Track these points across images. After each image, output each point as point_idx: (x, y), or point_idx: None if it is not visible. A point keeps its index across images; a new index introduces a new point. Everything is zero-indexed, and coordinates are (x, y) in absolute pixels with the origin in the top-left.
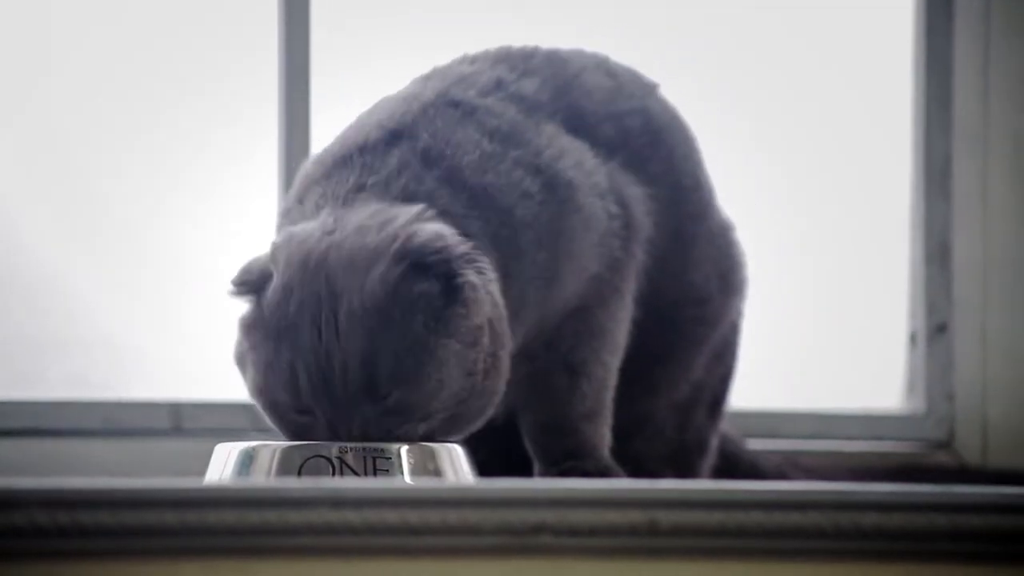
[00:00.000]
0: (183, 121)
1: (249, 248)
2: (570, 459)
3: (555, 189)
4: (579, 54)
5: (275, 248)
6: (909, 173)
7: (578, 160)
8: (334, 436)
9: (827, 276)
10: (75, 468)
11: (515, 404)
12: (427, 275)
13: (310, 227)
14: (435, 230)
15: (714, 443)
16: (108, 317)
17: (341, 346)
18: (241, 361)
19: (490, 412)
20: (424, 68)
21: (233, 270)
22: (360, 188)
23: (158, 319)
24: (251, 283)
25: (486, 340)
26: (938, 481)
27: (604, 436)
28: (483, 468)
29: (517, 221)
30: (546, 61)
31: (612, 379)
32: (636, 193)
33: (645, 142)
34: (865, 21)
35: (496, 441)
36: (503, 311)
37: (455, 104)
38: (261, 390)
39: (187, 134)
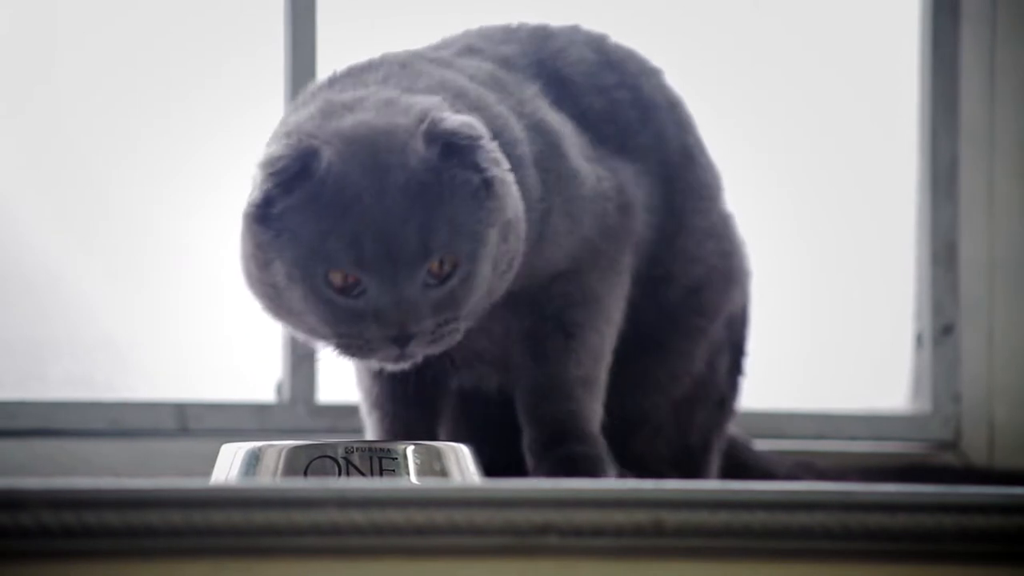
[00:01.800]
0: (187, 120)
1: None
2: (561, 431)
3: (542, 133)
4: (571, 29)
5: (309, 119)
6: (915, 174)
7: (561, 120)
8: (380, 318)
9: (833, 277)
10: (81, 468)
11: (511, 369)
12: (460, 161)
13: (334, 99)
14: (464, 119)
15: (720, 444)
16: (113, 317)
17: (398, 217)
18: (262, 246)
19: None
20: None
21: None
22: (361, 86)
23: (163, 319)
24: (288, 159)
25: (512, 239)
26: (944, 482)
27: (596, 412)
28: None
29: (524, 154)
30: (529, 34)
31: (607, 351)
32: (623, 165)
33: (635, 116)
34: (872, 23)
35: (489, 439)
36: (521, 214)
37: (430, 60)
38: (304, 266)
39: (191, 132)
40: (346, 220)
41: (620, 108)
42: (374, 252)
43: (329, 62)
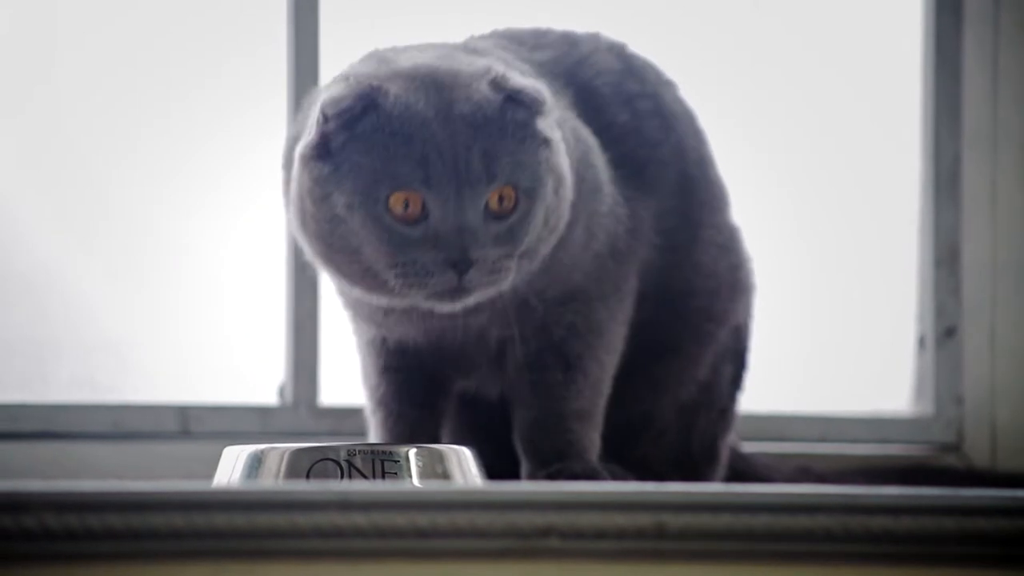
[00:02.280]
0: (187, 119)
1: (256, 250)
2: (559, 460)
3: (578, 140)
4: (593, 37)
5: (366, 64)
6: (918, 177)
7: (589, 137)
8: (441, 245)
9: (835, 279)
10: (84, 471)
11: (510, 399)
12: (524, 113)
13: (375, 59)
14: (531, 81)
15: (724, 452)
16: (115, 319)
17: (465, 143)
18: (320, 180)
19: (543, 256)
20: None
21: (243, 262)
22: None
23: (165, 321)
24: (352, 98)
25: (562, 194)
26: (947, 484)
27: (594, 441)
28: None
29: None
30: (559, 40)
31: (606, 382)
32: (638, 196)
33: (657, 124)
34: (874, 25)
35: (490, 441)
36: (570, 183)
37: (469, 50)
38: (366, 194)
39: (191, 132)
40: (414, 144)
41: (643, 118)
42: (440, 172)
43: (332, 61)
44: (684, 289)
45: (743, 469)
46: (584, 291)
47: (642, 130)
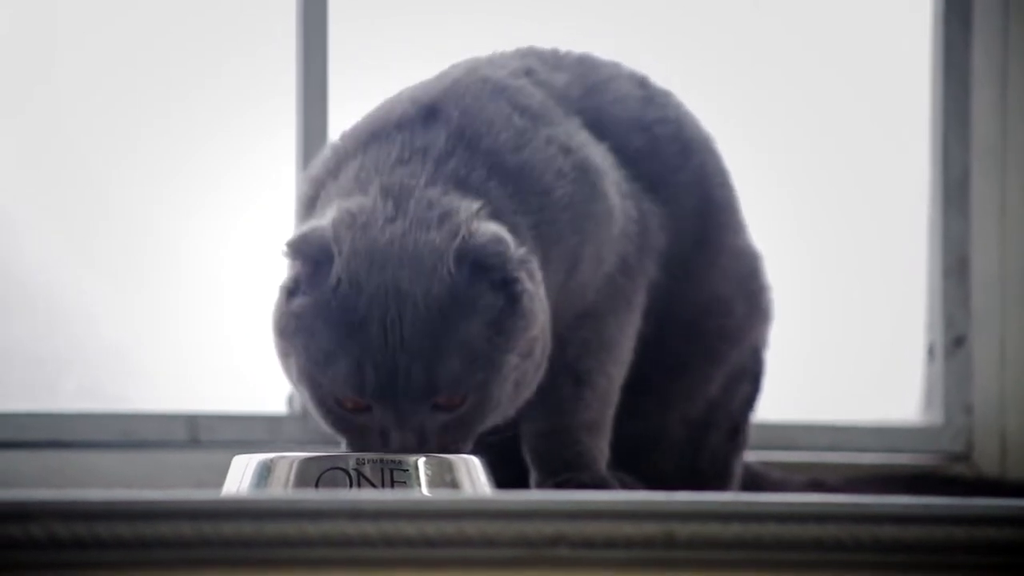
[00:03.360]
0: (189, 120)
1: (263, 256)
2: (567, 471)
3: (586, 171)
4: (614, 64)
5: (336, 226)
6: (927, 186)
7: (602, 154)
8: (386, 438)
9: (844, 288)
10: (92, 480)
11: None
12: (486, 279)
13: (366, 206)
14: (494, 232)
15: (738, 470)
16: (121, 327)
17: (406, 351)
18: (285, 333)
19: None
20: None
21: (257, 270)
22: (403, 163)
23: (174, 330)
24: (307, 253)
25: (538, 351)
26: (956, 493)
27: (603, 451)
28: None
29: (556, 203)
30: (577, 61)
31: (615, 393)
32: (651, 208)
33: (676, 150)
34: (882, 34)
35: (497, 451)
36: (548, 313)
37: (485, 80)
38: (312, 377)
39: (193, 133)
40: (351, 346)
41: (662, 143)
42: (377, 386)
43: (342, 60)
44: (698, 310)
45: (755, 483)
46: (595, 307)
47: (660, 155)
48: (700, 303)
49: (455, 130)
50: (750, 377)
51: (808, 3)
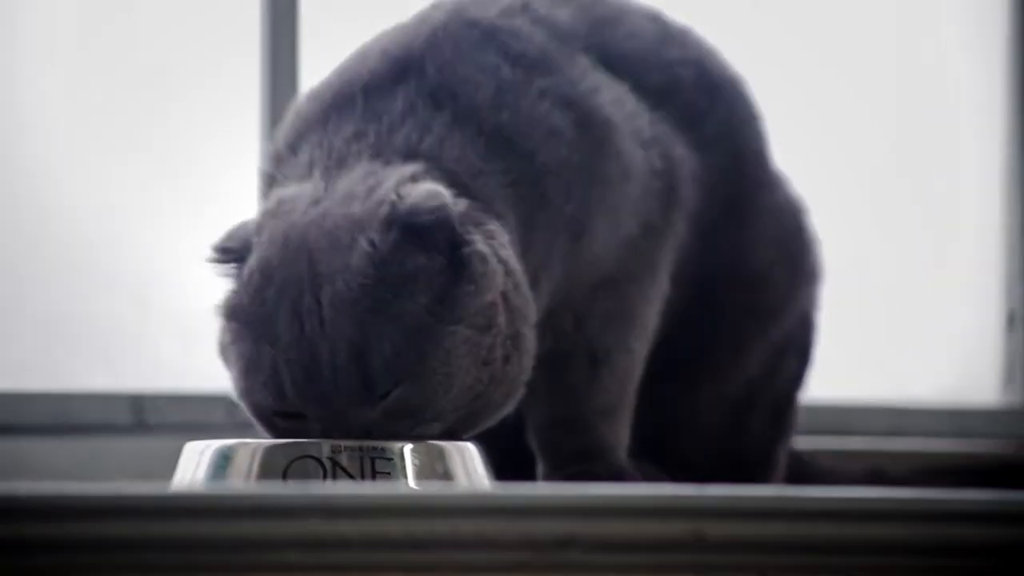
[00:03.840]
0: (154, 85)
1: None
2: (580, 461)
3: (589, 127)
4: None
5: (262, 215)
6: (1001, 144)
7: (618, 98)
8: (328, 436)
9: (908, 251)
10: (19, 470)
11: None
12: (425, 246)
13: (301, 192)
14: (427, 189)
15: (782, 458)
16: (60, 295)
17: (327, 338)
18: (224, 354)
19: (515, 400)
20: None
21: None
22: (359, 137)
23: (118, 297)
24: (234, 252)
25: (502, 320)
26: None
27: (622, 436)
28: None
29: (541, 166)
30: None
31: (637, 369)
32: (683, 155)
33: (700, 98)
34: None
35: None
36: (521, 279)
37: (472, 24)
38: (243, 391)
39: (158, 100)
40: (262, 352)
41: (683, 88)
42: (297, 389)
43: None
44: (730, 284)
45: (801, 473)
46: (614, 275)
47: (682, 102)
48: (732, 277)
49: (426, 90)
50: (797, 349)
51: None
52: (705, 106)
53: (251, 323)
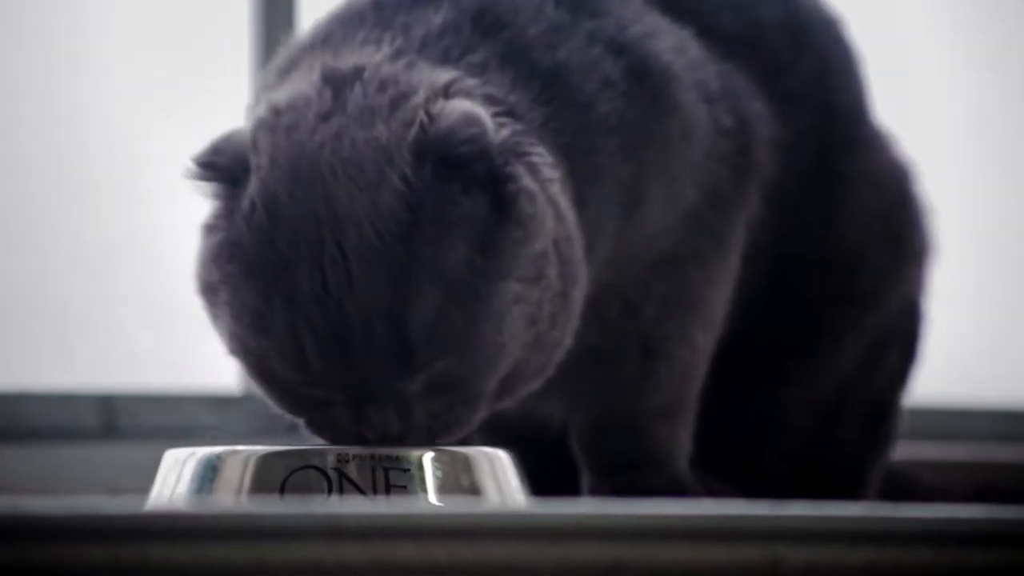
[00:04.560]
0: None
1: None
2: (633, 470)
3: (644, 76)
4: None
5: (257, 127)
6: None
7: (678, 46)
8: (359, 424)
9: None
10: None
11: (565, 392)
12: (463, 182)
13: (301, 98)
14: (463, 109)
15: (876, 473)
16: (8, 275)
17: (356, 298)
18: (208, 288)
19: (550, 372)
20: None
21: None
22: (375, 42)
23: (85, 285)
24: (222, 169)
25: (552, 272)
26: None
27: (682, 443)
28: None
29: (599, 120)
30: None
31: (702, 365)
32: (760, 112)
33: (784, 44)
34: None
35: (536, 444)
36: (573, 230)
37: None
38: (247, 350)
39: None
40: (274, 308)
41: (764, 33)
42: (325, 360)
43: None
44: (815, 268)
45: (899, 492)
46: (674, 253)
47: (764, 48)
48: (820, 256)
49: (469, 11)
50: (899, 342)
51: None
52: (791, 55)
53: (256, 269)
